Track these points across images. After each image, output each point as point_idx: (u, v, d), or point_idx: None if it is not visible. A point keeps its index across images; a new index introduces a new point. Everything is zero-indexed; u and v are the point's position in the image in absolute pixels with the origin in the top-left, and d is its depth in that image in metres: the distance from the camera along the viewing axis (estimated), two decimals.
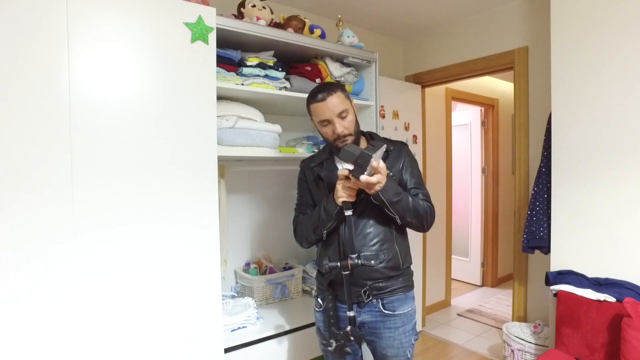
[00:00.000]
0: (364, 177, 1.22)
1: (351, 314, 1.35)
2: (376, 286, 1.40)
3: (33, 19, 1.22)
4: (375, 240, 1.40)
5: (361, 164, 1.21)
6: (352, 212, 1.34)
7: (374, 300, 1.41)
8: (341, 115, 1.38)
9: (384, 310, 1.41)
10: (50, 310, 1.27)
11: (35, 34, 1.22)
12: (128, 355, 1.41)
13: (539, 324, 2.35)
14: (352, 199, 1.33)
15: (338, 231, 1.43)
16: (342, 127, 1.38)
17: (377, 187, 1.27)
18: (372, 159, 1.21)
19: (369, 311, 1.42)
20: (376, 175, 1.25)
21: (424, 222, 1.41)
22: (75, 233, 1.30)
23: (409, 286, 1.47)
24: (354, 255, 1.32)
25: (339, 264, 1.33)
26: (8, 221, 1.20)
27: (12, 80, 1.20)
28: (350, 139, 1.40)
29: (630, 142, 1.80)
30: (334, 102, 1.37)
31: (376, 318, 1.42)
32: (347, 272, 1.33)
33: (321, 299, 1.50)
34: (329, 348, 1.36)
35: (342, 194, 1.32)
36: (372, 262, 1.39)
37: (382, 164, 1.27)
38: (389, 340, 1.42)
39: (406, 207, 1.34)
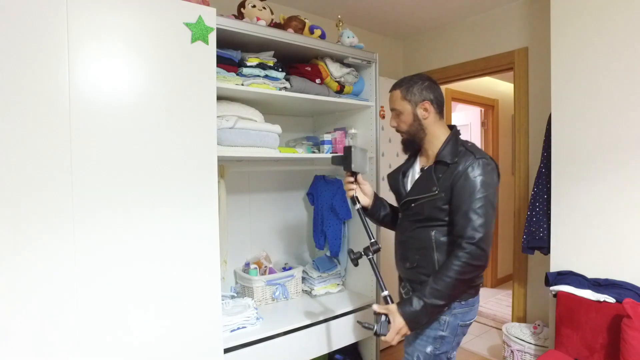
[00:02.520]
0: (389, 337, 1.26)
1: (385, 293, 1.38)
2: (412, 287, 1.44)
3: (33, 19, 1.22)
4: (413, 245, 1.42)
5: (346, 156, 1.47)
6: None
7: None
8: (394, 112, 1.47)
9: None
10: (50, 310, 1.27)
11: (35, 34, 1.22)
12: (128, 355, 1.41)
13: (539, 325, 2.35)
14: (351, 193, 1.53)
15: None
16: (394, 122, 1.48)
17: (404, 331, 1.26)
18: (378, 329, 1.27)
19: None
20: (391, 330, 1.26)
21: (467, 278, 1.26)
22: (74, 233, 1.30)
23: None
24: (372, 241, 1.44)
25: (362, 251, 1.44)
26: (8, 221, 1.19)
27: (12, 80, 1.19)
28: (404, 137, 1.48)
29: (630, 143, 1.80)
30: (392, 98, 1.47)
31: None
32: (369, 257, 1.42)
33: None
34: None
35: (346, 189, 1.55)
36: (407, 264, 1.43)
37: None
38: (409, 337, 1.41)
39: (444, 294, 1.24)
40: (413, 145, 1.47)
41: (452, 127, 1.46)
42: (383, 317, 1.28)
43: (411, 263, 1.41)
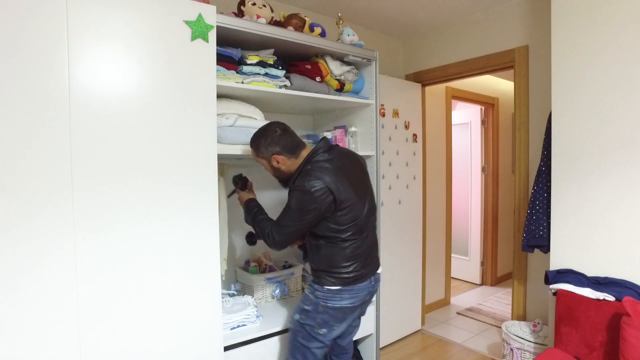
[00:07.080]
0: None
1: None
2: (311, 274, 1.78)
3: (33, 16, 1.22)
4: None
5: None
6: None
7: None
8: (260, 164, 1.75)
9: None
10: (51, 309, 1.27)
11: (35, 31, 1.22)
12: (128, 353, 1.41)
13: (538, 323, 2.35)
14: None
15: None
16: (265, 169, 1.75)
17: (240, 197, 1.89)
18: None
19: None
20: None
21: (261, 237, 1.70)
22: (75, 232, 1.30)
23: (314, 281, 1.70)
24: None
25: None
26: (7, 221, 1.20)
27: (12, 78, 1.19)
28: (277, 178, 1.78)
29: (630, 141, 1.80)
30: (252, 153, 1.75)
31: None
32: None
33: None
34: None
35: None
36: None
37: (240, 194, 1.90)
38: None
39: (252, 220, 1.75)
40: (286, 182, 1.74)
41: (321, 140, 1.70)
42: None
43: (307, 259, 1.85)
